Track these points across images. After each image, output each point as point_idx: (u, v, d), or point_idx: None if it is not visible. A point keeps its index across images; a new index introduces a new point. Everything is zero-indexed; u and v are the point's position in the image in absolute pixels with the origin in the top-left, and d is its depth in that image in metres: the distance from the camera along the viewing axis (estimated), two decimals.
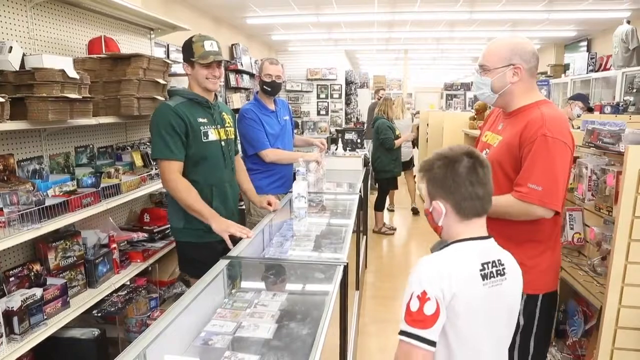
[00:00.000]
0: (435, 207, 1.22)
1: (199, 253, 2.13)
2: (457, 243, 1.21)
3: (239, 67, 7.00)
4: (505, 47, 1.69)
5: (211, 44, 2.15)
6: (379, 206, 5.65)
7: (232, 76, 6.93)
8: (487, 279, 1.15)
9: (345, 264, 1.61)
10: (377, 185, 5.71)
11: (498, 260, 1.20)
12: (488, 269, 1.17)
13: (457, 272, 1.12)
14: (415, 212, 6.56)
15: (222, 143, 2.25)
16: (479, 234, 1.22)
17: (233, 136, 2.37)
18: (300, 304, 1.58)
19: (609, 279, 1.58)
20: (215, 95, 2.27)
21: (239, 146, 2.85)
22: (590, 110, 5.47)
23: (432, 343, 1.09)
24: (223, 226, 2.01)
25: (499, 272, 1.18)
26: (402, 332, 1.10)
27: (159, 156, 2.08)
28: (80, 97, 2.02)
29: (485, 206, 1.22)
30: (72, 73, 1.95)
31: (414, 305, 1.09)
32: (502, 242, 1.54)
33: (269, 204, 2.49)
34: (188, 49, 2.14)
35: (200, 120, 2.16)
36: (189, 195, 2.06)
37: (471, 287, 1.13)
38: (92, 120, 2.26)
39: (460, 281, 1.11)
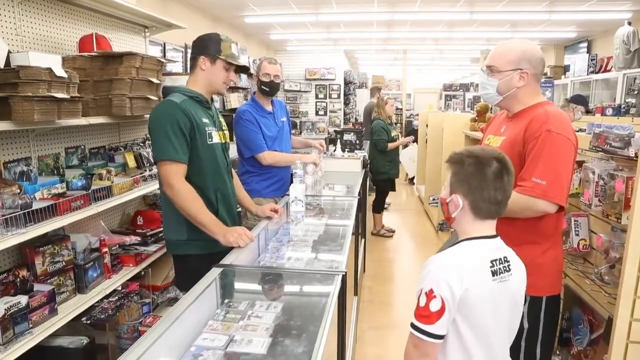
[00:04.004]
0: (454, 200, 1.28)
1: (207, 266, 1.74)
2: (468, 241, 1.27)
3: None
4: (515, 51, 1.70)
5: (237, 48, 2.06)
6: (378, 208, 5.57)
7: None
8: (496, 275, 1.23)
9: (344, 273, 1.53)
10: (374, 187, 5.62)
11: (504, 257, 1.27)
12: (497, 265, 1.24)
13: (469, 268, 1.20)
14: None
15: (222, 147, 2.14)
16: (488, 233, 1.28)
17: (229, 140, 2.24)
18: (297, 315, 1.51)
19: (621, 291, 1.50)
20: (211, 97, 2.15)
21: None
22: (588, 112, 5.40)
23: (438, 337, 1.18)
24: (231, 239, 1.85)
25: (505, 268, 1.25)
26: (411, 324, 1.21)
27: (163, 157, 1.86)
28: (69, 96, 1.93)
29: (500, 211, 1.28)
30: (60, 72, 1.87)
31: (422, 301, 1.18)
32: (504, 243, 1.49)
33: (273, 211, 2.35)
34: (214, 44, 1.99)
35: (204, 120, 2.01)
36: (194, 203, 1.87)
37: (482, 282, 1.20)
38: (82, 121, 2.18)
39: (472, 277, 1.19)
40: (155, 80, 2.61)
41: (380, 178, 5.39)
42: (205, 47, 2.01)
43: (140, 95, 2.49)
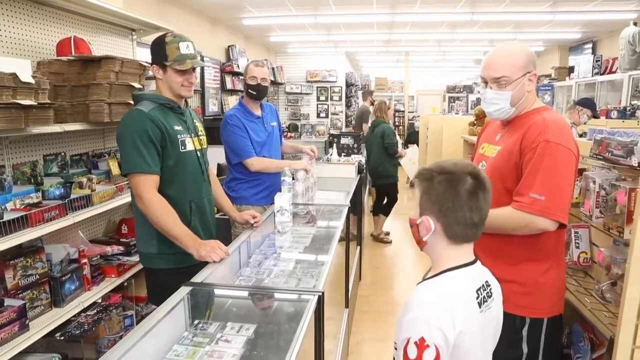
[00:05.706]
0: (424, 222, 1.12)
1: (179, 280, 1.63)
2: (449, 272, 1.12)
3: (235, 69, 6.83)
4: (521, 55, 1.57)
5: (187, 45, 1.91)
6: (378, 209, 5.44)
7: (228, 78, 6.75)
8: (482, 305, 1.11)
9: (321, 293, 1.42)
10: (375, 191, 5.49)
11: (486, 282, 1.16)
12: (481, 294, 1.12)
13: (459, 308, 1.05)
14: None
15: (198, 153, 2.05)
16: (467, 259, 1.15)
17: (206, 145, 2.15)
18: (269, 339, 1.40)
19: (621, 314, 1.38)
20: (186, 101, 2.06)
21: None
22: (595, 118, 5.26)
23: None
24: (203, 253, 1.74)
25: (488, 294, 1.14)
26: None
27: (133, 170, 1.80)
28: (36, 103, 1.84)
29: (477, 233, 1.14)
30: (27, 77, 1.77)
31: (412, 352, 1.00)
32: (500, 261, 1.37)
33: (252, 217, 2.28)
34: (160, 50, 1.89)
35: (176, 128, 1.93)
36: (167, 216, 1.79)
37: (472, 319, 1.08)
38: (55, 128, 2.08)
39: (464, 317, 1.05)
40: (137, 85, 2.52)
41: (388, 182, 5.29)
42: (154, 54, 1.92)
43: (120, 100, 2.40)
